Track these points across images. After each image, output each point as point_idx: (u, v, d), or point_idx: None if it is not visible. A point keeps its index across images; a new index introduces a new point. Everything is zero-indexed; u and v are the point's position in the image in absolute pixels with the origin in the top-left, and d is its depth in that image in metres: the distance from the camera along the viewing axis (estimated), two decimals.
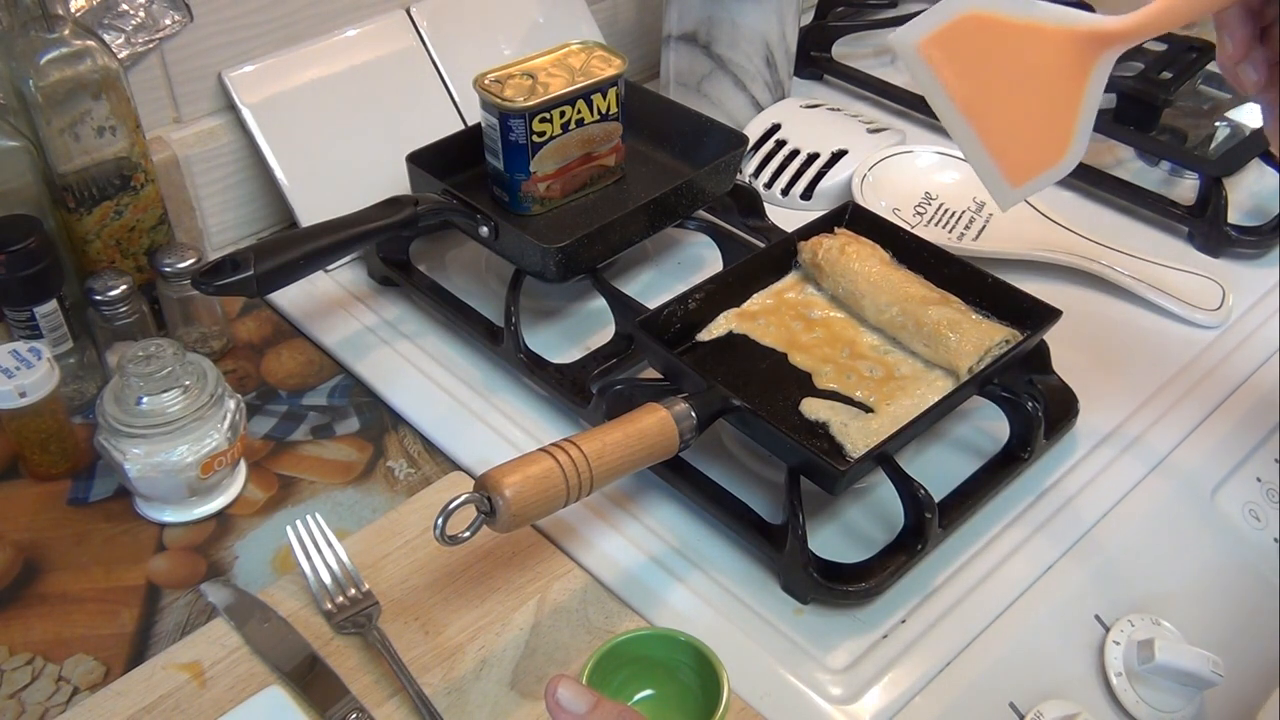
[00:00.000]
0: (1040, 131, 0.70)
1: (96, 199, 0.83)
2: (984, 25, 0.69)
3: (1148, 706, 0.69)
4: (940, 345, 0.77)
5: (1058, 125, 0.70)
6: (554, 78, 0.87)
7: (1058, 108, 0.70)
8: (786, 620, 0.69)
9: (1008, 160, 0.70)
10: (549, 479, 0.62)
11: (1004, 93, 0.70)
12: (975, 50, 0.69)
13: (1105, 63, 0.69)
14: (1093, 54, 0.69)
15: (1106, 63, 0.69)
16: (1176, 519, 0.77)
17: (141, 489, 0.75)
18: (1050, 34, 0.69)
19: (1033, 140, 0.70)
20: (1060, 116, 0.70)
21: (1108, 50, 0.69)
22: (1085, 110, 0.70)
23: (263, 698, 0.65)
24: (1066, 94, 0.69)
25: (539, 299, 0.92)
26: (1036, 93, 0.70)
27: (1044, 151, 0.70)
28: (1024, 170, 0.71)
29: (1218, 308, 0.91)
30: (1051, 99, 0.70)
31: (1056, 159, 0.70)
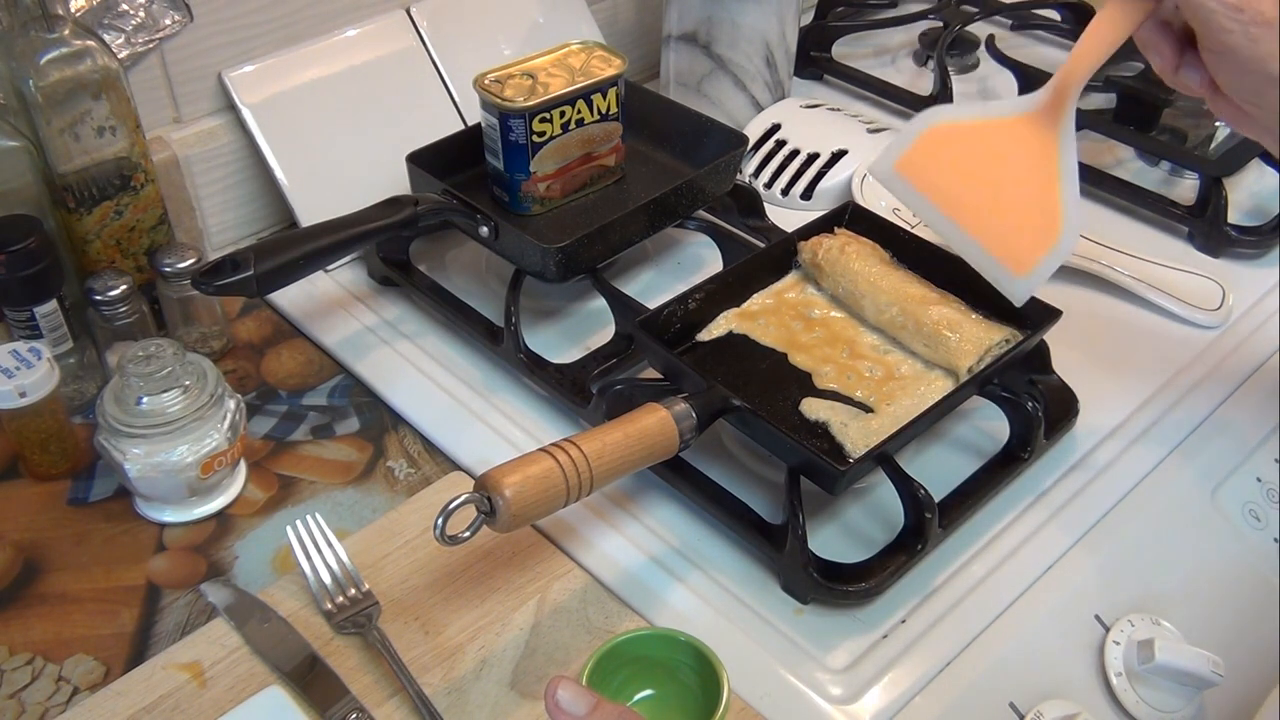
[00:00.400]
0: (1030, 216, 0.72)
1: (96, 199, 0.83)
2: (946, 135, 0.74)
3: (1148, 706, 0.69)
4: (940, 345, 0.77)
5: (1045, 205, 0.72)
6: (554, 78, 0.87)
7: (1039, 188, 0.72)
8: (786, 620, 0.69)
9: (1008, 253, 0.72)
10: (549, 479, 0.62)
11: (985, 190, 0.73)
12: (946, 159, 0.74)
13: (1065, 131, 0.71)
14: (1049, 126, 0.71)
15: (1066, 130, 0.71)
16: (1176, 519, 0.77)
17: (141, 489, 0.75)
18: (1005, 125, 0.72)
19: (1026, 227, 0.72)
20: (1044, 196, 0.72)
21: (1059, 118, 0.71)
22: (1065, 181, 0.71)
23: (263, 698, 0.65)
24: (1041, 172, 0.72)
25: (539, 299, 0.92)
26: (1015, 181, 0.72)
27: (1040, 234, 0.72)
28: (1026, 258, 0.72)
29: (1218, 308, 0.91)
30: (1030, 182, 0.72)
31: (1054, 238, 0.71)
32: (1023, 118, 0.72)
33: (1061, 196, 0.71)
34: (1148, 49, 0.69)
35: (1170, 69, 0.69)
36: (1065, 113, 0.71)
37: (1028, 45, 1.26)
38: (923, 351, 0.78)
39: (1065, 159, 0.71)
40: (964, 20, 1.22)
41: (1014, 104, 0.73)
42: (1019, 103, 0.73)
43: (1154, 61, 0.69)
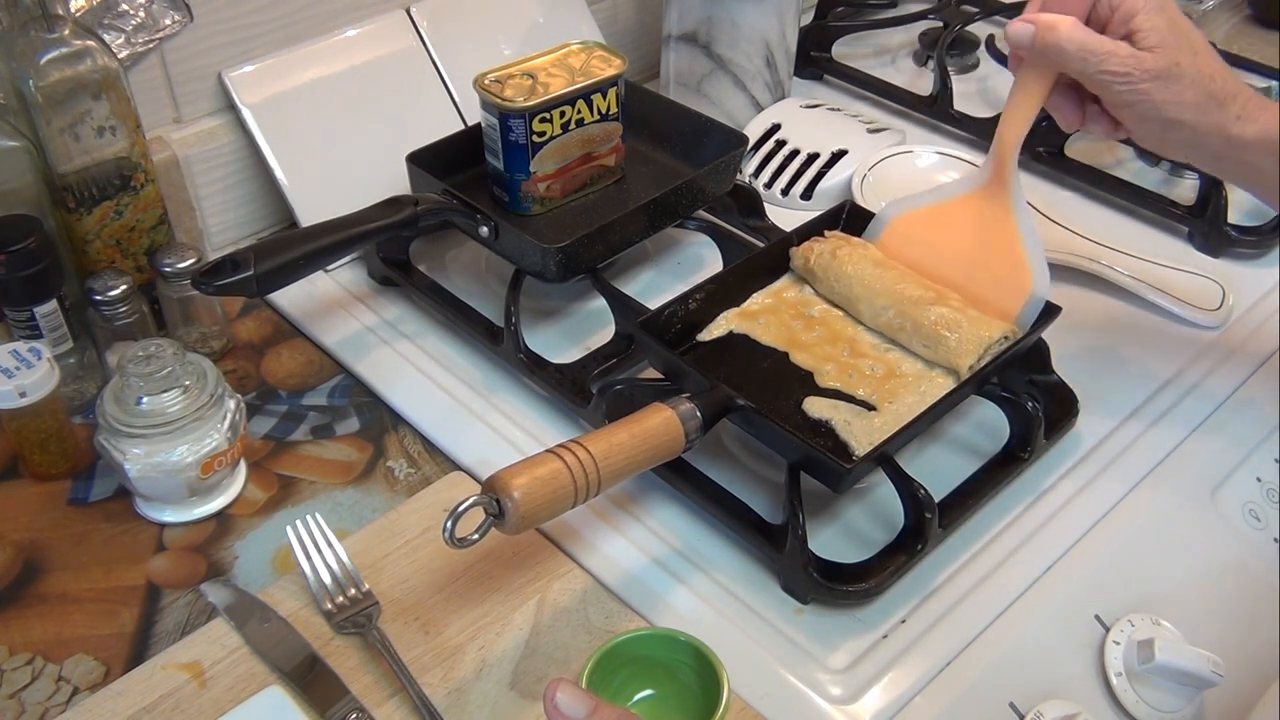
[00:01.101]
0: (1001, 274, 0.79)
1: (96, 199, 0.83)
2: (910, 223, 0.84)
3: (1148, 706, 0.69)
4: (939, 345, 0.77)
5: (1012, 261, 0.79)
6: (554, 78, 0.87)
7: (1003, 248, 0.79)
8: (786, 620, 0.69)
9: (990, 310, 0.79)
10: (557, 480, 0.62)
11: (956, 261, 0.81)
12: (915, 242, 0.83)
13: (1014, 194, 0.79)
14: (999, 194, 0.79)
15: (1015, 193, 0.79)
16: (1176, 519, 0.77)
17: (141, 489, 0.75)
18: (960, 202, 0.82)
19: (1000, 285, 0.79)
20: (1010, 254, 0.79)
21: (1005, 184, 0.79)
22: (1025, 236, 0.78)
23: (263, 698, 0.65)
24: (1002, 234, 0.79)
25: (539, 299, 0.92)
26: (980, 247, 0.80)
27: (1014, 287, 0.78)
28: (1007, 312, 0.79)
29: (1218, 308, 0.91)
30: (994, 245, 0.80)
31: (1026, 288, 0.78)
32: (974, 193, 0.81)
33: (1025, 250, 0.78)
34: (1056, 112, 0.76)
35: (1076, 126, 0.76)
36: (1009, 179, 0.79)
37: None
38: (922, 352, 0.78)
39: (1020, 218, 0.79)
40: (964, 20, 1.22)
41: (964, 184, 0.82)
42: (968, 182, 0.82)
43: (1060, 121, 0.77)
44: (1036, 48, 0.72)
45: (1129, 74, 0.69)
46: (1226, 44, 1.23)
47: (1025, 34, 0.72)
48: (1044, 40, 0.71)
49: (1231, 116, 0.71)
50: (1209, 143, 0.71)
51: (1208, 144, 0.72)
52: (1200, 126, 0.71)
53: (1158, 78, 0.69)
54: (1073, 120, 0.76)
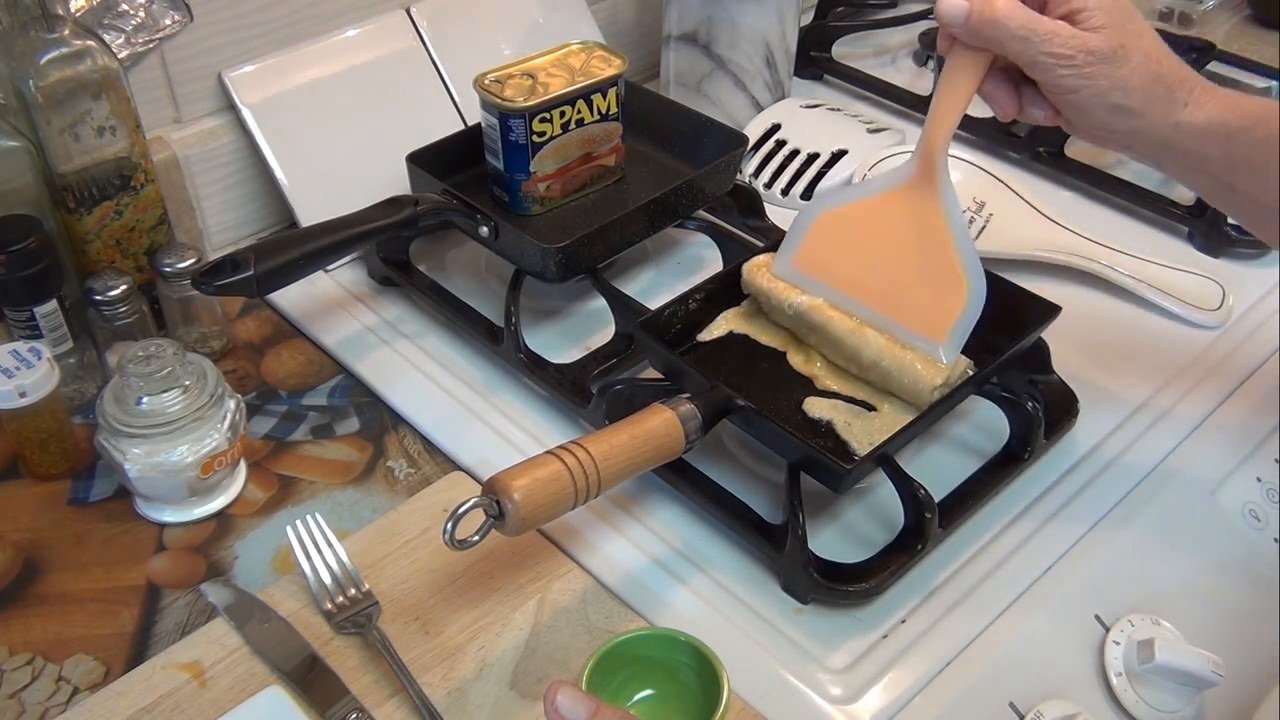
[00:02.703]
0: (934, 282, 0.74)
1: (96, 199, 0.83)
2: (833, 222, 0.77)
3: (1148, 706, 0.69)
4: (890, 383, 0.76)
5: (944, 268, 0.73)
6: (554, 78, 0.87)
7: (934, 253, 0.74)
8: (786, 620, 0.69)
9: (923, 322, 0.74)
10: (557, 482, 0.62)
11: (885, 267, 0.75)
12: (840, 244, 0.77)
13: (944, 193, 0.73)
14: (927, 192, 0.73)
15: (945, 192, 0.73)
16: (1176, 519, 0.77)
17: (141, 489, 0.75)
18: (885, 200, 0.75)
19: (932, 293, 0.74)
20: (941, 259, 0.73)
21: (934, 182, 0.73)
22: (957, 240, 0.73)
23: (263, 698, 0.64)
24: (933, 237, 0.74)
25: (539, 299, 0.92)
26: (910, 251, 0.75)
27: (948, 298, 0.73)
28: (940, 323, 0.74)
29: (1218, 308, 0.91)
30: (925, 249, 0.74)
31: (961, 298, 0.73)
32: (900, 190, 0.74)
33: (959, 256, 0.73)
34: (990, 100, 0.71)
35: (1012, 114, 0.71)
36: (939, 176, 0.73)
37: None
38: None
39: (952, 218, 0.73)
40: None
41: (888, 179, 0.75)
42: (892, 177, 0.75)
43: (997, 111, 0.71)
44: (971, 26, 0.66)
45: (1072, 56, 0.65)
46: (1226, 44, 1.22)
47: (958, 11, 0.66)
48: (980, 18, 0.66)
49: (1179, 103, 0.67)
50: (1155, 130, 0.67)
51: (1154, 132, 0.67)
52: (1148, 112, 0.66)
53: (1103, 60, 0.65)
54: (1008, 109, 0.70)
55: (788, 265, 0.79)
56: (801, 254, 0.79)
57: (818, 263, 0.78)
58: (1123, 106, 0.66)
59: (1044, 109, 0.70)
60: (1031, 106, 0.70)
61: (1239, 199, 0.70)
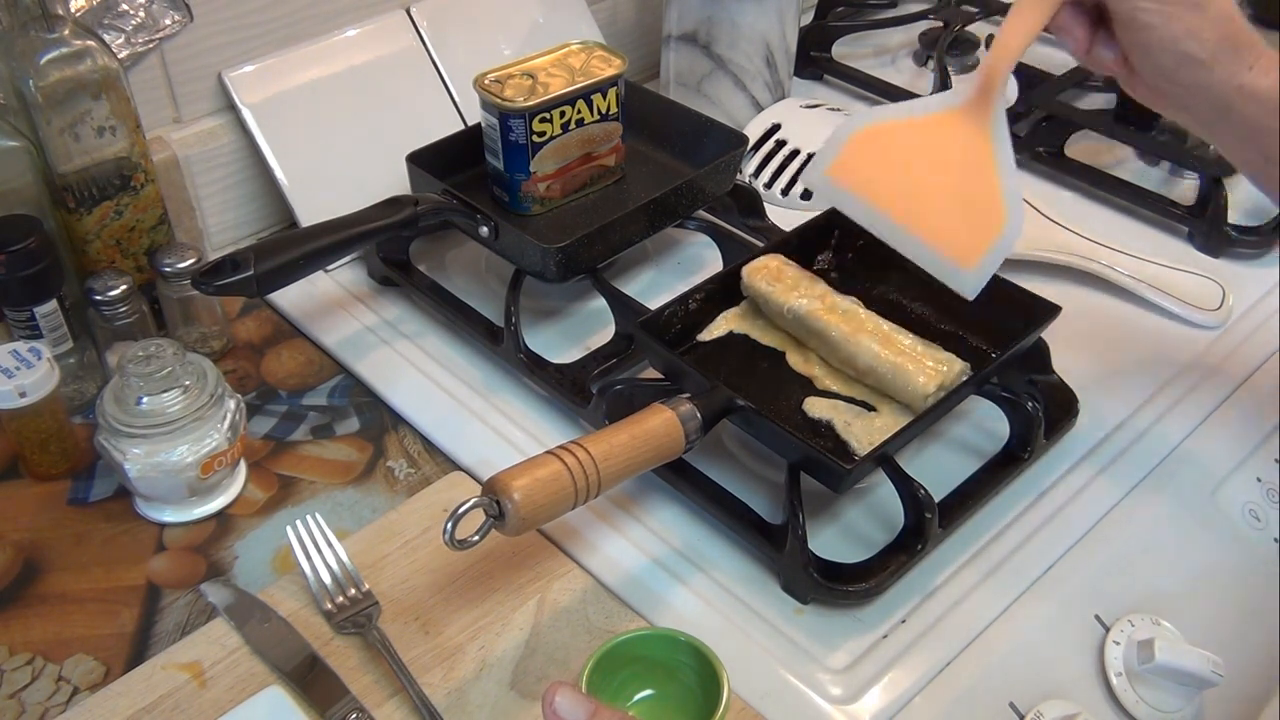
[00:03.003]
0: (972, 209, 0.71)
1: (96, 199, 0.83)
2: (875, 137, 0.73)
3: (1148, 706, 0.69)
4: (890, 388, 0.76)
5: (985, 197, 0.71)
6: (554, 78, 0.87)
7: (977, 181, 0.71)
8: (786, 620, 0.69)
9: (953, 247, 0.71)
10: (557, 482, 0.62)
11: (923, 187, 0.72)
12: (880, 160, 0.73)
13: (997, 121, 0.71)
14: (979, 118, 0.71)
15: (998, 121, 0.71)
16: (1176, 519, 0.77)
17: (141, 489, 0.75)
18: (935, 121, 0.72)
19: (968, 220, 0.71)
20: (983, 188, 0.71)
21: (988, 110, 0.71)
22: (1002, 172, 0.71)
23: (263, 698, 0.64)
24: (978, 165, 0.71)
25: (539, 299, 0.92)
26: (952, 176, 0.72)
27: (984, 226, 0.71)
28: (972, 250, 0.71)
29: (1218, 308, 0.91)
30: (967, 176, 0.71)
31: (998, 228, 0.71)
32: (952, 112, 0.72)
33: (1001, 187, 0.71)
34: (1061, 32, 0.70)
35: (1083, 50, 0.70)
36: (994, 104, 0.71)
37: None
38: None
39: (1000, 150, 0.71)
40: (964, 20, 1.22)
41: (941, 99, 0.73)
42: (946, 98, 0.73)
43: (1068, 44, 0.70)
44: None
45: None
46: None
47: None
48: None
49: (1245, 66, 0.67)
50: (1218, 89, 0.67)
51: (1216, 90, 0.67)
52: (1214, 67, 0.66)
53: (1185, 4, 0.65)
54: (1082, 41, 0.69)
55: (820, 173, 0.74)
56: (837, 164, 0.74)
57: (852, 175, 0.74)
58: (1192, 56, 0.66)
59: (1114, 50, 0.69)
60: (1101, 46, 0.70)
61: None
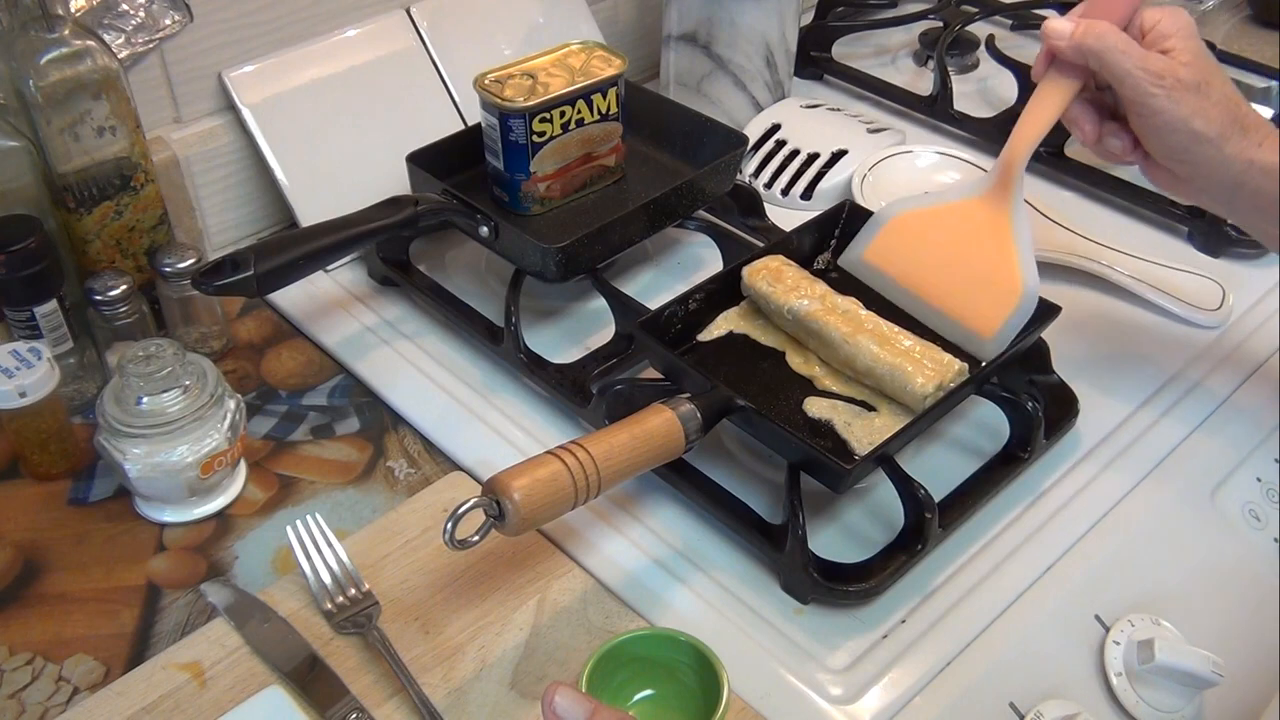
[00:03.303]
0: (992, 283, 0.78)
1: (96, 199, 0.83)
2: (908, 222, 0.82)
3: (1148, 706, 0.69)
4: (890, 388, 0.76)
5: (1004, 272, 0.78)
6: (554, 78, 0.87)
7: (997, 258, 0.78)
8: (786, 620, 0.69)
9: (975, 317, 0.79)
10: (557, 482, 0.62)
11: (949, 265, 0.80)
12: (910, 242, 0.82)
13: (1016, 204, 0.78)
14: (1001, 202, 0.78)
15: (1017, 204, 0.78)
16: (1176, 519, 0.77)
17: (141, 489, 0.75)
18: (961, 207, 0.80)
19: (988, 292, 0.78)
20: (1002, 264, 0.78)
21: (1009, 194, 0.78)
22: (1020, 248, 0.78)
23: (263, 698, 0.65)
24: (997, 242, 0.78)
25: (539, 299, 0.92)
26: (974, 254, 0.79)
27: (1002, 298, 0.77)
28: (992, 319, 0.78)
29: (1218, 308, 0.91)
30: (988, 253, 0.79)
31: (1015, 299, 0.77)
32: (977, 199, 0.80)
33: (1019, 262, 0.77)
34: (1073, 124, 0.76)
35: (1093, 140, 0.76)
36: (1014, 189, 0.78)
37: (1028, 45, 1.26)
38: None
39: (1019, 229, 0.78)
40: (964, 20, 1.22)
41: (968, 188, 0.81)
42: (972, 186, 0.80)
43: (1078, 134, 0.76)
44: (1076, 40, 0.71)
45: (1163, 77, 0.69)
46: (1226, 44, 1.23)
47: (1065, 27, 0.72)
48: (1086, 31, 0.71)
49: (1254, 143, 0.71)
50: (1230, 165, 0.71)
51: (1229, 166, 0.71)
52: (1224, 144, 0.70)
53: (1189, 89, 0.70)
54: (1092, 132, 0.75)
55: (859, 256, 0.83)
56: (874, 248, 0.83)
57: (887, 257, 0.83)
58: (1202, 134, 0.70)
59: (1124, 139, 0.74)
60: (1111, 136, 0.75)
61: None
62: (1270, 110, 1.11)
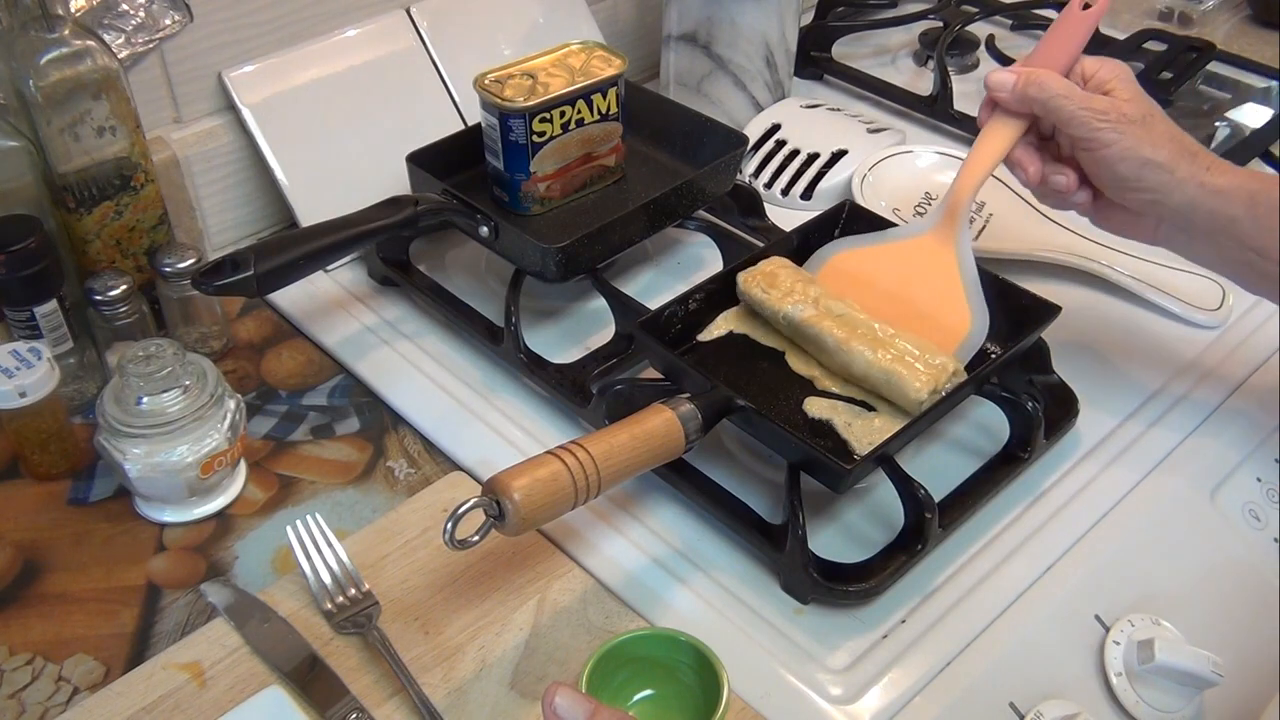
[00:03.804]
0: (939, 317, 0.79)
1: (96, 199, 0.83)
2: (849, 261, 0.83)
3: (1148, 706, 0.69)
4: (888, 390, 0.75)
5: (951, 305, 0.79)
6: (554, 78, 0.87)
7: (942, 292, 0.79)
8: (786, 620, 0.69)
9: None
10: (557, 482, 0.62)
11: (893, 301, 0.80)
12: (851, 282, 0.82)
13: (960, 243, 0.79)
14: (945, 241, 0.80)
15: (961, 243, 0.79)
16: (1176, 519, 0.77)
17: (141, 489, 0.75)
18: (904, 247, 0.82)
19: (936, 326, 0.78)
20: (949, 297, 0.79)
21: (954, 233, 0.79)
22: (967, 283, 0.79)
23: (263, 698, 0.65)
24: (943, 280, 0.80)
25: (539, 299, 0.92)
26: (918, 290, 0.80)
27: (950, 331, 0.78)
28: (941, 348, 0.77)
29: (1218, 308, 0.91)
30: (933, 289, 0.80)
31: (964, 329, 0.78)
32: (921, 239, 0.81)
33: (965, 296, 0.79)
34: (1016, 166, 0.78)
35: (1037, 180, 0.77)
36: (958, 228, 0.79)
37: (1028, 45, 1.26)
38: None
39: (964, 265, 0.79)
40: (964, 20, 1.22)
41: (910, 229, 0.82)
42: (915, 228, 0.82)
43: (1021, 175, 0.78)
44: (1018, 90, 0.75)
45: (1107, 113, 0.72)
46: (1226, 44, 1.23)
47: (1008, 79, 0.75)
48: (1027, 80, 0.74)
49: (1202, 167, 0.73)
50: (1183, 188, 0.73)
51: (1181, 190, 0.73)
52: (1175, 169, 0.72)
53: (1134, 122, 0.72)
54: (1035, 174, 0.77)
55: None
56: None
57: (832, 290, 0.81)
58: (1152, 161, 0.72)
59: (1068, 175, 0.76)
60: (1055, 174, 0.77)
61: (1268, 266, 0.73)
62: (1270, 110, 1.12)
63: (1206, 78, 1.16)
